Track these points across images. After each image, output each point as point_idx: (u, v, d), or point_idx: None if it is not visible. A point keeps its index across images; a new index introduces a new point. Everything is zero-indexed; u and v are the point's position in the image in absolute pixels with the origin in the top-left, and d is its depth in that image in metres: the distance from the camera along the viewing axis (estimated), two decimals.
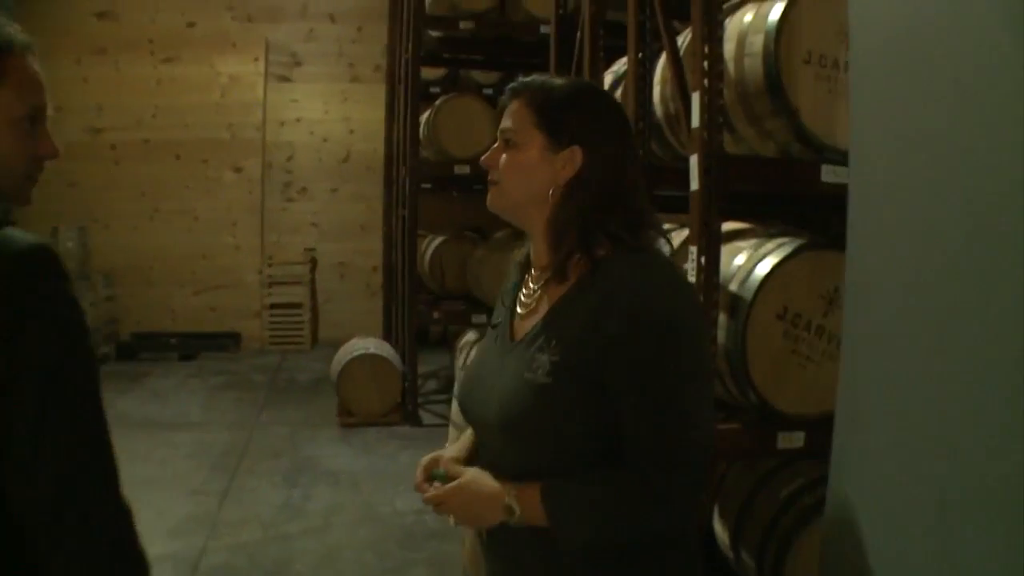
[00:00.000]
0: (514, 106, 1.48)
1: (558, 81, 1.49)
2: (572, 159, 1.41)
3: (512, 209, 1.50)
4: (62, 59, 8.56)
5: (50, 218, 7.87)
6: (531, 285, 1.50)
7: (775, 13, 2.46)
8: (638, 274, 1.33)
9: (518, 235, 1.64)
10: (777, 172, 2.62)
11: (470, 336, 6.80)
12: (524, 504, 1.32)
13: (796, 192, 2.72)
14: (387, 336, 8.27)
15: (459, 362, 6.68)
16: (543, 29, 6.13)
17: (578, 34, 4.00)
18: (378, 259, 9.26)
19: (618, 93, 3.96)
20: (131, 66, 9.07)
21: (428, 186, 7.17)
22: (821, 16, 2.53)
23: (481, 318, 6.56)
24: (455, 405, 4.20)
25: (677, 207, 2.80)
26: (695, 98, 2.46)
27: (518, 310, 1.52)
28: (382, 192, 9.07)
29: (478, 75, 8.01)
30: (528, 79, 1.52)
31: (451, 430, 4.11)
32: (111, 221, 9.00)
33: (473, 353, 6.22)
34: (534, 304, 1.48)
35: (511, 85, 1.52)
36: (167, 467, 4.93)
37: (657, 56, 3.21)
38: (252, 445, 5.45)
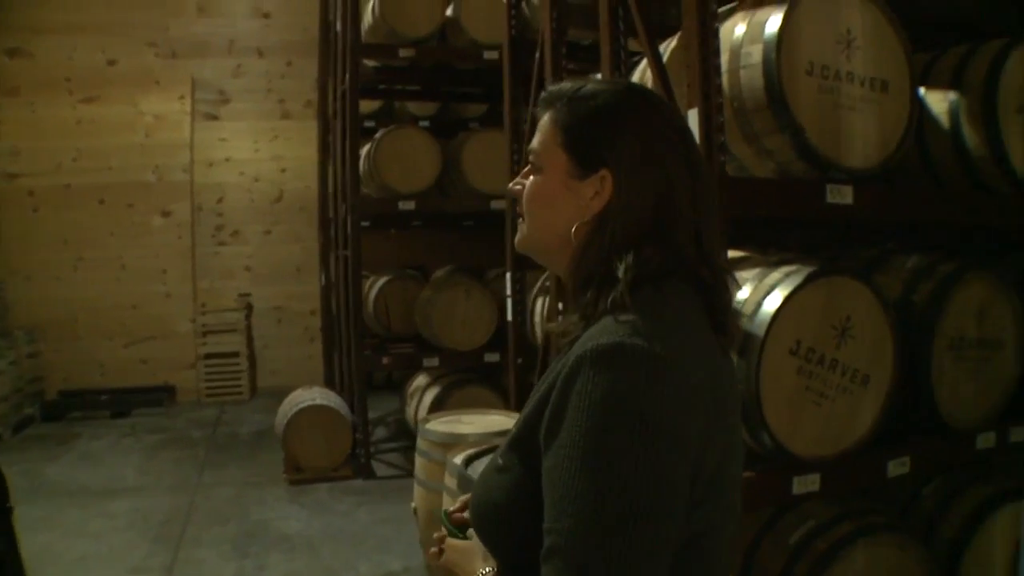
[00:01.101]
0: (543, 121, 1.24)
1: (592, 86, 1.21)
2: (601, 187, 1.16)
3: (537, 250, 1.27)
4: None
5: None
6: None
7: (774, 23, 2.27)
8: (606, 332, 1.06)
9: (463, 272, 1.38)
10: (779, 194, 2.41)
11: (421, 380, 6.49)
12: None
13: (797, 215, 2.52)
14: (329, 383, 7.93)
15: (410, 409, 6.35)
16: (487, 55, 5.95)
17: (536, 55, 3.78)
18: (316, 302, 8.94)
19: None
20: (48, 107, 8.56)
21: (366, 224, 6.85)
22: (820, 24, 2.35)
23: (433, 361, 6.26)
24: (419, 461, 3.91)
25: None
26: (692, 115, 2.23)
27: None
28: (317, 232, 8.74)
29: (414, 107, 7.75)
30: (558, 86, 1.26)
31: (416, 487, 3.80)
32: (31, 272, 8.43)
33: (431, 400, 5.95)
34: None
35: (542, 94, 1.28)
36: (103, 541, 4.47)
37: (629, 73, 3.01)
38: (196, 510, 5.02)
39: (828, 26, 2.36)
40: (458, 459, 3.06)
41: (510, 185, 1.29)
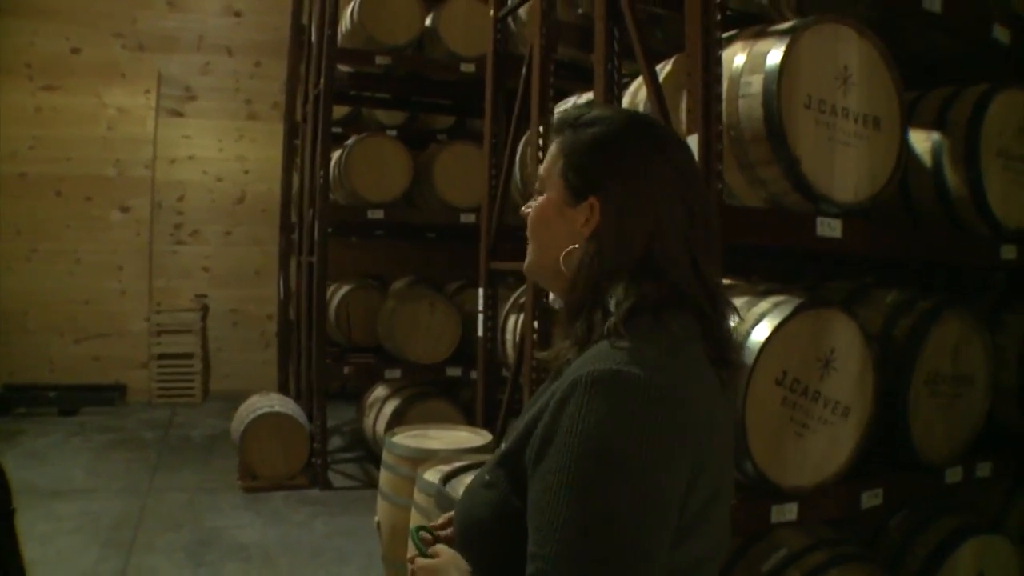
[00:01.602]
0: (552, 146, 1.27)
1: (596, 113, 1.24)
2: (591, 215, 1.19)
3: (538, 274, 1.31)
4: None
5: None
6: None
7: (775, 55, 2.28)
8: (602, 358, 1.06)
9: (424, 284, 1.41)
10: (773, 224, 2.43)
11: (380, 392, 6.41)
12: None
13: (787, 246, 2.54)
14: (283, 389, 7.83)
15: (369, 420, 6.27)
16: (463, 67, 5.93)
17: (523, 71, 3.77)
18: (273, 307, 8.81)
19: None
20: (6, 92, 8.29)
21: (328, 230, 6.74)
22: (820, 59, 2.37)
23: (395, 373, 6.20)
24: (385, 475, 3.85)
25: None
26: (692, 141, 2.23)
27: None
28: (278, 236, 8.63)
29: (382, 115, 7.69)
30: (564, 111, 1.31)
31: (380, 501, 3.74)
32: None
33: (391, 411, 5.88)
34: None
35: (553, 119, 1.34)
36: (50, 545, 4.29)
37: (621, 93, 3.01)
38: (147, 514, 4.86)
39: (827, 61, 2.38)
40: (431, 475, 3.01)
41: (522, 209, 1.32)
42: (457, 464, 2.95)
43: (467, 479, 2.55)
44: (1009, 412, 3.08)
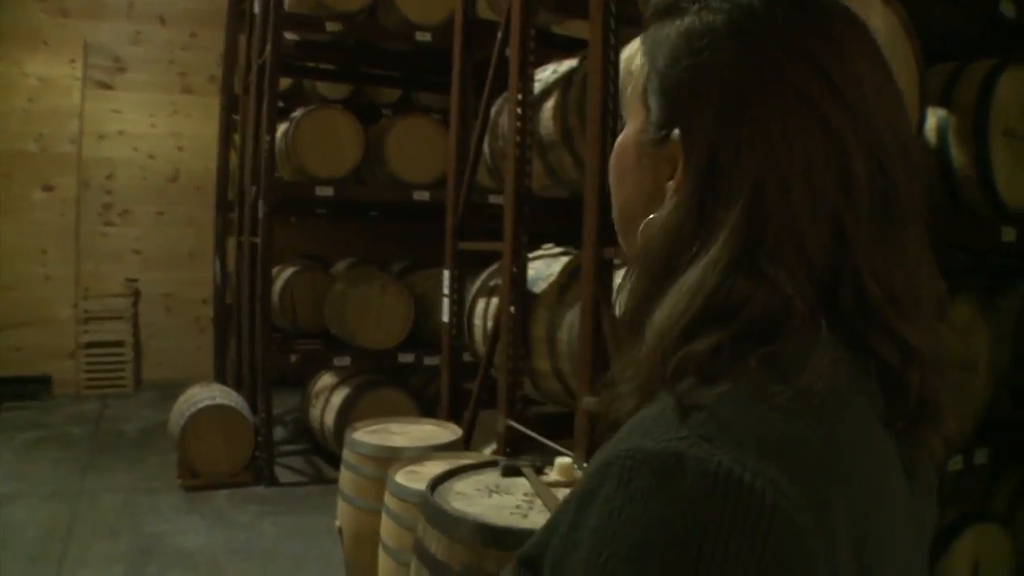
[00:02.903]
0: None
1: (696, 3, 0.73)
2: (673, 158, 0.72)
3: (623, 241, 0.84)
4: None
5: None
6: None
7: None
8: (658, 426, 0.61)
9: (369, 265, 0.96)
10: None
11: (328, 380, 6.10)
12: None
13: None
14: (220, 377, 7.46)
15: (315, 410, 5.97)
16: (419, 36, 5.62)
17: (499, 35, 3.50)
18: (209, 291, 8.38)
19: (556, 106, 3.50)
20: None
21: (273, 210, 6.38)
22: None
23: (344, 360, 5.91)
24: (346, 475, 3.56)
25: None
26: None
27: None
28: (214, 216, 8.20)
29: (325, 88, 7.30)
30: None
31: (340, 504, 3.46)
32: None
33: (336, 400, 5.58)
34: None
35: (646, 14, 0.80)
36: None
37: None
38: (80, 521, 4.46)
39: None
40: (404, 478, 2.76)
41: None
42: (443, 468, 2.70)
43: (457, 485, 2.30)
44: (999, 397, 3.00)
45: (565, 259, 3.89)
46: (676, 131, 0.71)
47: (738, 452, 0.57)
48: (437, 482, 2.25)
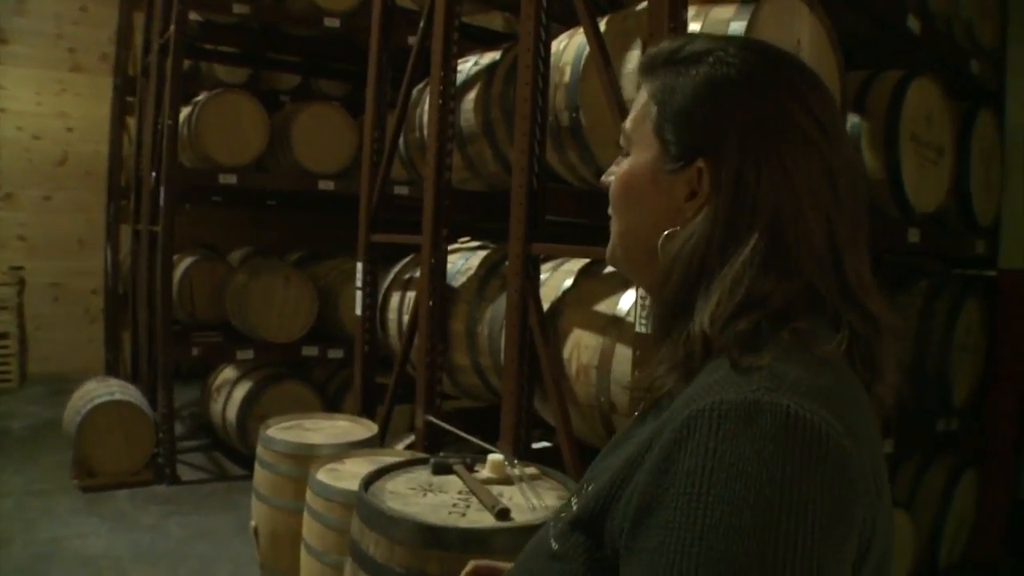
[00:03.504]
0: (641, 92, 0.96)
1: (702, 44, 0.91)
2: (699, 185, 0.88)
3: (622, 262, 0.99)
4: None
5: None
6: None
7: (738, 25, 2.11)
8: (730, 384, 0.75)
9: (266, 255, 1.05)
10: None
11: (229, 373, 5.93)
12: None
13: None
14: (111, 370, 7.20)
15: (217, 405, 5.78)
16: (328, 22, 5.50)
17: (421, 24, 3.45)
18: (99, 280, 8.04)
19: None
20: None
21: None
22: (780, 30, 2.23)
23: (247, 353, 5.75)
24: (261, 474, 3.46)
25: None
26: None
27: None
28: (105, 202, 7.82)
29: (222, 71, 7.05)
30: (658, 46, 0.95)
31: (255, 503, 3.36)
32: None
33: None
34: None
35: (641, 59, 0.96)
36: None
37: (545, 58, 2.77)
38: None
39: (784, 34, 2.24)
40: (326, 476, 2.70)
41: (603, 178, 0.99)
42: (365, 466, 2.66)
43: (389, 484, 2.26)
44: (902, 392, 3.18)
45: (483, 253, 3.88)
46: (700, 159, 0.87)
47: (798, 398, 0.72)
48: (369, 481, 2.20)
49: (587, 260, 3.14)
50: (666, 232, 0.89)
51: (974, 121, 3.38)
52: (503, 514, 1.98)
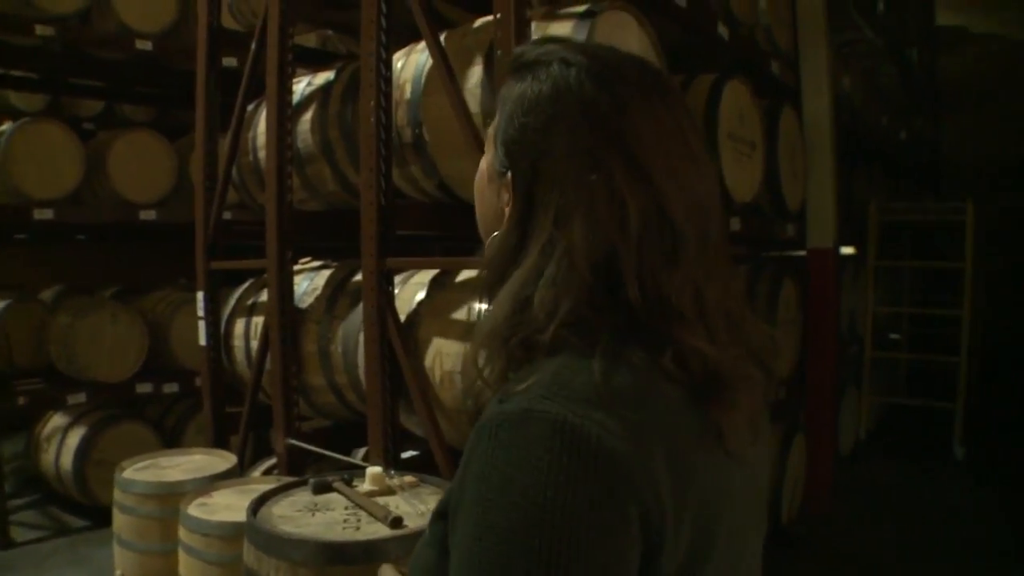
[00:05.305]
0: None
1: (541, 50, 0.93)
2: (509, 192, 0.92)
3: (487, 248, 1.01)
4: None
5: None
6: None
7: (578, 38, 2.25)
8: (516, 392, 0.81)
9: (82, 290, 1.11)
10: None
11: (59, 420, 5.55)
12: None
13: None
14: None
15: (48, 456, 5.41)
16: (139, 44, 5.27)
17: (253, 45, 3.40)
18: None
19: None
20: None
21: None
22: (613, 43, 2.39)
23: (79, 397, 5.40)
24: (121, 519, 3.30)
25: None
26: None
27: None
28: None
29: (16, 97, 6.58)
30: (518, 49, 0.97)
31: (118, 551, 3.21)
32: None
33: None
34: None
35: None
36: None
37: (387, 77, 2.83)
38: None
39: (619, 43, 2.39)
40: (199, 511, 2.63)
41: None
42: (234, 497, 2.62)
43: (275, 510, 2.25)
44: None
45: (328, 272, 3.87)
46: (509, 171, 0.90)
47: (570, 404, 0.77)
48: (255, 509, 2.18)
49: (437, 271, 3.22)
50: (494, 233, 0.95)
51: (779, 117, 3.72)
52: (396, 522, 2.03)
